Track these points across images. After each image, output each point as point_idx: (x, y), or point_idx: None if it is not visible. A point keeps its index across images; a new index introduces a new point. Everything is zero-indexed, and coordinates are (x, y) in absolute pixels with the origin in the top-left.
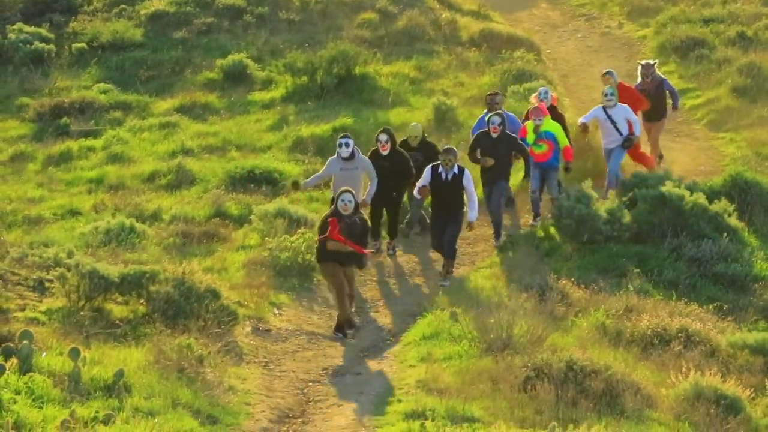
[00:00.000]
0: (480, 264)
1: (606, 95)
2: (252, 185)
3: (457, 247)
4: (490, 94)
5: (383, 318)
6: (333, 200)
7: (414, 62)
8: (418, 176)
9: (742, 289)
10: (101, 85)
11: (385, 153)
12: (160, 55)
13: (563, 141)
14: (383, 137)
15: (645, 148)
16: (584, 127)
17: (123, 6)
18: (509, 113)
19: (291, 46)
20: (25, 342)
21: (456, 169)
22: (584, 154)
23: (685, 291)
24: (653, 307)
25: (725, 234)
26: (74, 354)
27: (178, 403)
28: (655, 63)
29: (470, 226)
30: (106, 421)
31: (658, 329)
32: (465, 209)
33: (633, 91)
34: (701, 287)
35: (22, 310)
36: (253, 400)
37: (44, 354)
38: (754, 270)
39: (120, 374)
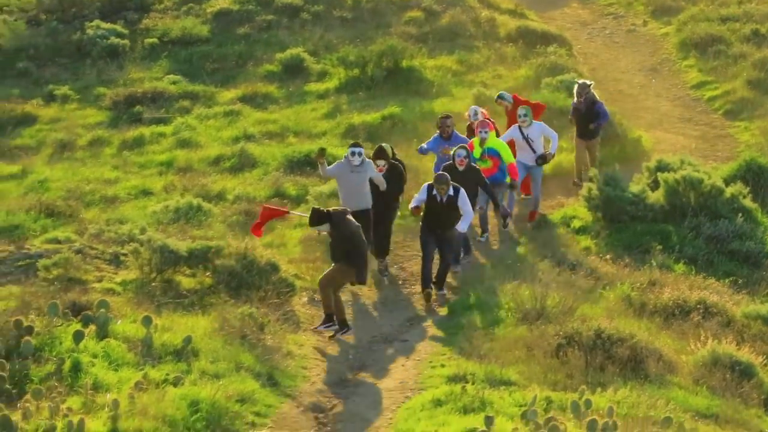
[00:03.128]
0: (517, 241)
1: (520, 116)
2: (308, 168)
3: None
4: (441, 117)
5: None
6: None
7: (456, 56)
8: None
9: (756, 264)
10: (171, 76)
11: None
12: (224, 49)
13: (508, 158)
14: (381, 162)
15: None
16: None
17: (191, 4)
18: (461, 135)
19: (344, 42)
20: (102, 310)
21: (451, 191)
22: (612, 141)
23: (704, 266)
24: (674, 281)
25: (740, 214)
26: (147, 321)
27: (240, 367)
28: (591, 84)
29: (459, 235)
30: (176, 382)
31: (679, 301)
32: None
33: (527, 102)
34: (718, 263)
35: (100, 281)
36: (309, 364)
37: (119, 321)
38: (766, 247)
39: (188, 340)
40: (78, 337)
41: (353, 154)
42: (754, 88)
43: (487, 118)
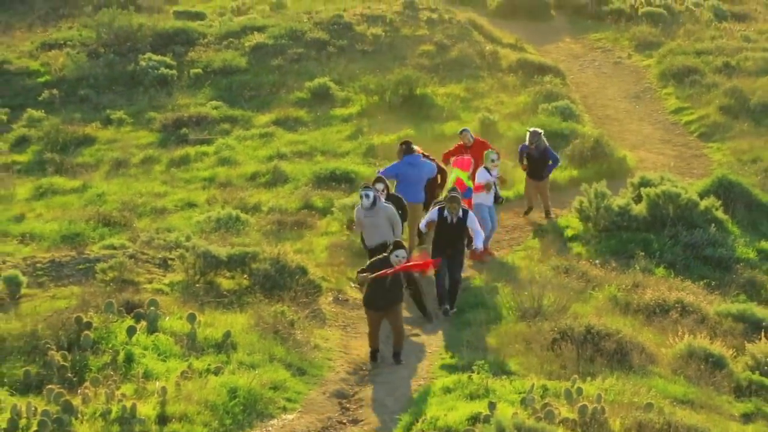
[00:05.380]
0: (516, 247)
1: (494, 161)
2: (333, 183)
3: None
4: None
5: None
6: (362, 241)
7: (464, 85)
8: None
9: (727, 268)
10: (213, 102)
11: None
12: (260, 78)
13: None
14: (380, 186)
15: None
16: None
17: (231, 39)
18: (425, 160)
19: (365, 72)
20: (152, 308)
21: (460, 212)
22: (600, 160)
23: (681, 270)
24: (655, 283)
25: (713, 224)
26: (191, 318)
27: (273, 358)
28: (541, 132)
29: (474, 252)
30: (217, 372)
31: (659, 301)
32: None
33: (485, 143)
34: (694, 267)
35: (150, 282)
36: (334, 356)
37: (167, 318)
38: (736, 253)
39: (228, 335)
40: (131, 331)
41: (362, 196)
42: (725, 114)
43: (424, 154)
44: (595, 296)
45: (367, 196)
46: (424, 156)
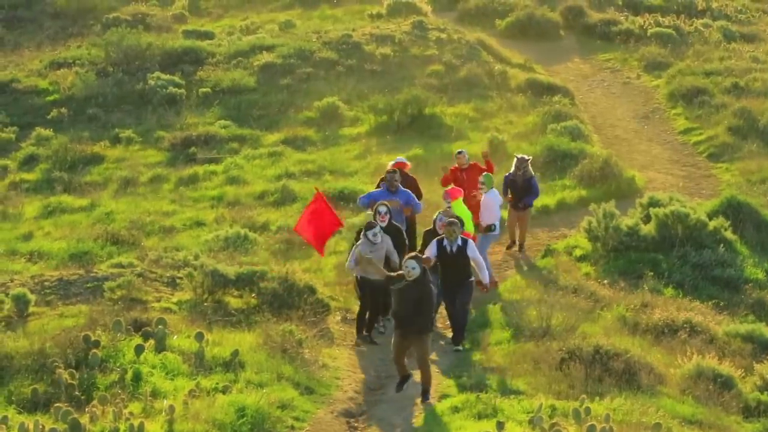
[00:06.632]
0: (524, 267)
1: (482, 183)
2: (342, 202)
3: (469, 309)
4: (388, 172)
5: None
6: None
7: (472, 105)
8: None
9: (735, 289)
10: (222, 121)
11: (383, 224)
12: (269, 97)
13: (468, 228)
14: (383, 209)
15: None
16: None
17: (240, 58)
18: (405, 189)
19: (374, 91)
20: (160, 327)
21: (459, 241)
22: (609, 180)
23: (690, 290)
24: (664, 303)
25: (722, 245)
26: (199, 337)
27: (282, 377)
28: (529, 159)
29: (486, 287)
30: (225, 390)
31: (668, 321)
32: (473, 278)
33: (480, 166)
34: (702, 287)
35: (158, 301)
36: (342, 375)
37: (175, 337)
38: (744, 274)
39: (236, 353)
40: (139, 350)
41: (374, 234)
42: (734, 134)
43: (408, 174)
44: (604, 316)
45: (375, 234)
46: (404, 175)
